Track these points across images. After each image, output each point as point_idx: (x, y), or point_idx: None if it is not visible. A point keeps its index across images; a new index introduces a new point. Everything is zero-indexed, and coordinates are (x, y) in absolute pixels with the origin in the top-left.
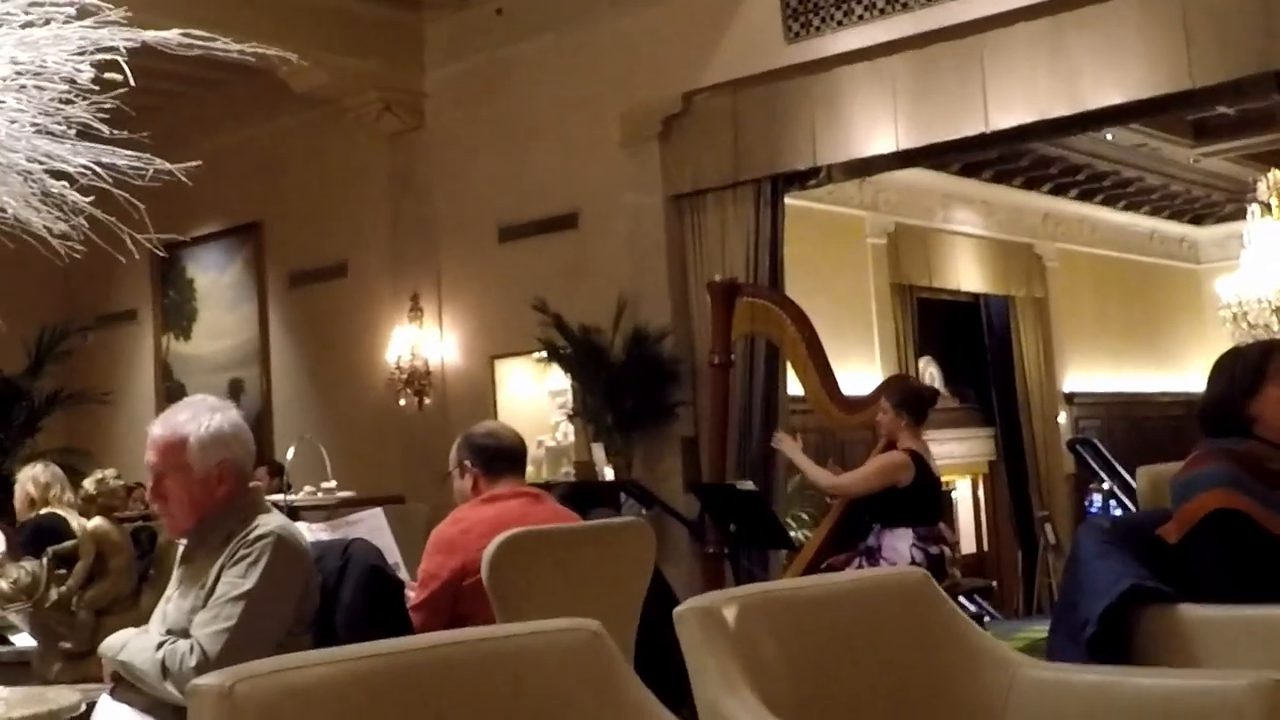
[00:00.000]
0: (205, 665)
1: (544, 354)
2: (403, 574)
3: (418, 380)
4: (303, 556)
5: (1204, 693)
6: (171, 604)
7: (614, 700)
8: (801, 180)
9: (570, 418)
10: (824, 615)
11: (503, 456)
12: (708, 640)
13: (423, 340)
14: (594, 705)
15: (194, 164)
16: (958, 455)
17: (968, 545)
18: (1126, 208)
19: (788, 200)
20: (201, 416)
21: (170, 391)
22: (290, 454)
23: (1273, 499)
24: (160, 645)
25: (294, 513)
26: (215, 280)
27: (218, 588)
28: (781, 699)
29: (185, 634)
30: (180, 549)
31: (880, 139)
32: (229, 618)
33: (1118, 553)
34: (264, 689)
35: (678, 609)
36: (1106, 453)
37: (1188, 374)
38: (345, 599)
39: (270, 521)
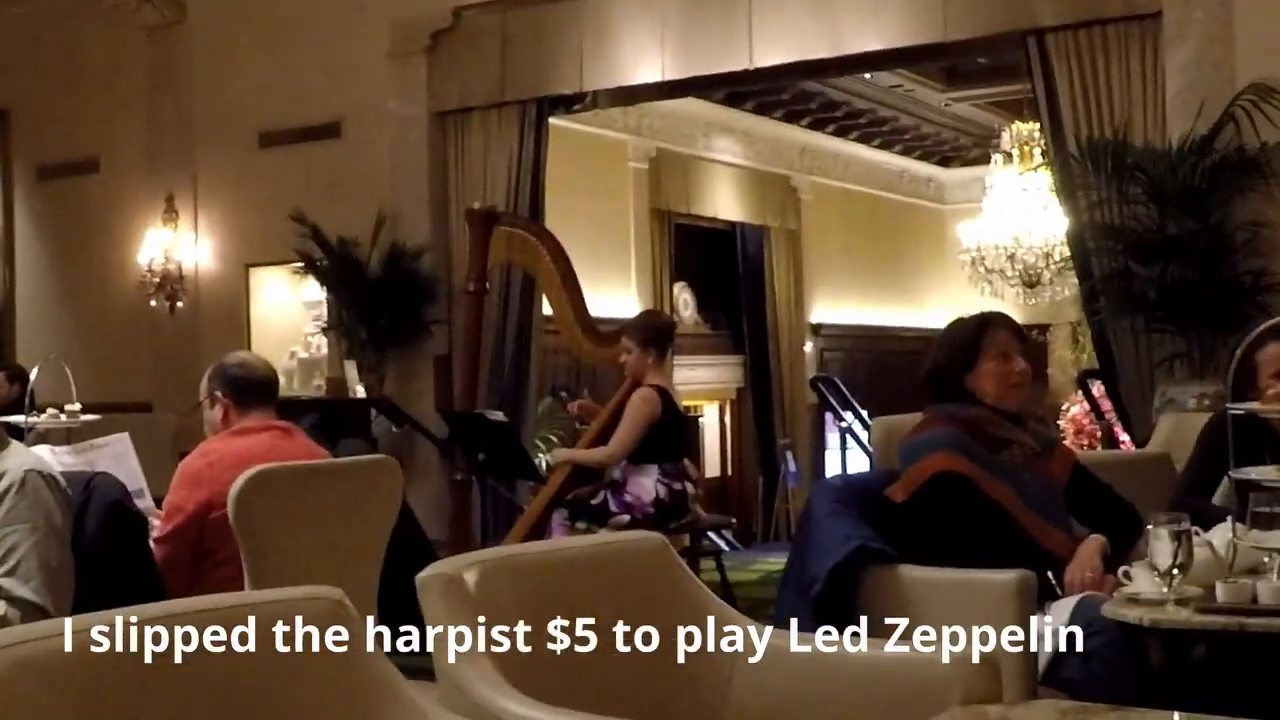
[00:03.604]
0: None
1: (300, 265)
2: (146, 499)
3: (170, 284)
4: (58, 486)
5: (915, 665)
6: None
7: (355, 674)
8: (567, 104)
9: (324, 330)
10: (564, 580)
11: (254, 388)
12: (449, 608)
13: (177, 244)
14: (335, 678)
15: None
16: (707, 381)
17: (712, 470)
18: (880, 146)
19: (552, 120)
20: None
21: None
22: (34, 374)
23: (995, 463)
24: None
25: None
26: None
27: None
28: (520, 665)
29: None
30: None
31: (647, 68)
32: (36, 568)
33: (847, 513)
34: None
35: (420, 576)
36: (845, 391)
37: (928, 310)
38: (87, 532)
39: (9, 460)
